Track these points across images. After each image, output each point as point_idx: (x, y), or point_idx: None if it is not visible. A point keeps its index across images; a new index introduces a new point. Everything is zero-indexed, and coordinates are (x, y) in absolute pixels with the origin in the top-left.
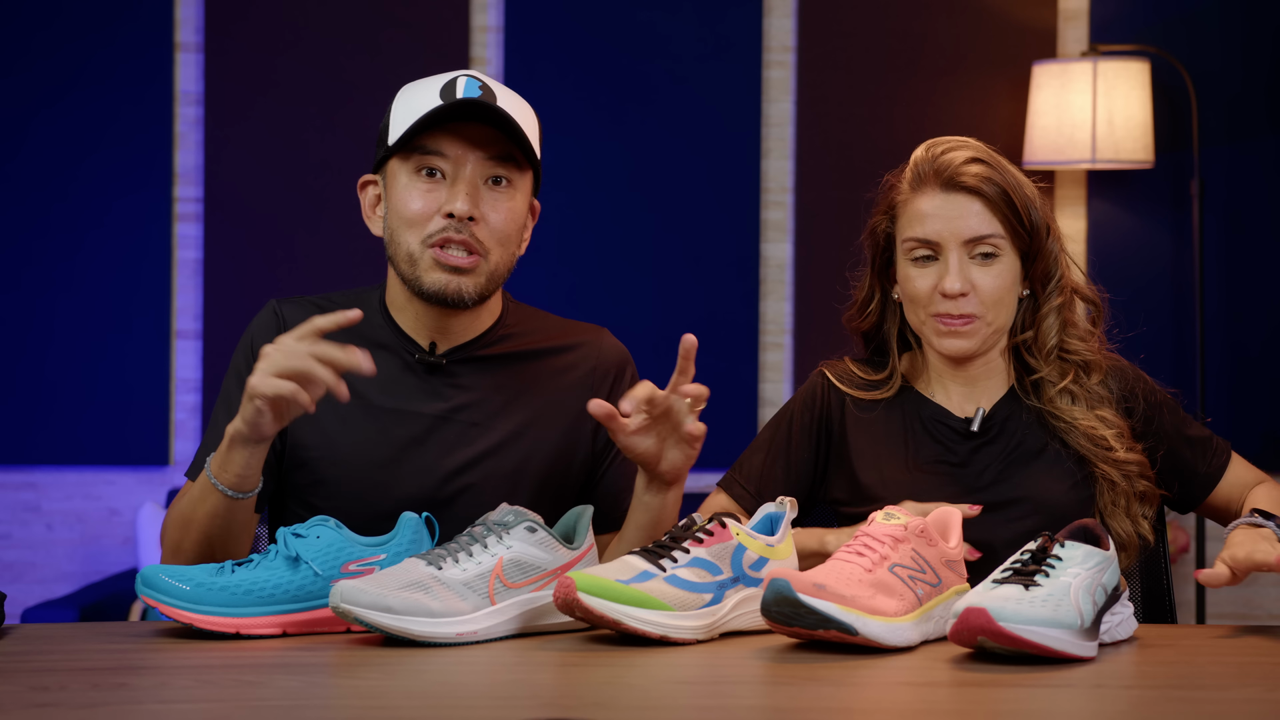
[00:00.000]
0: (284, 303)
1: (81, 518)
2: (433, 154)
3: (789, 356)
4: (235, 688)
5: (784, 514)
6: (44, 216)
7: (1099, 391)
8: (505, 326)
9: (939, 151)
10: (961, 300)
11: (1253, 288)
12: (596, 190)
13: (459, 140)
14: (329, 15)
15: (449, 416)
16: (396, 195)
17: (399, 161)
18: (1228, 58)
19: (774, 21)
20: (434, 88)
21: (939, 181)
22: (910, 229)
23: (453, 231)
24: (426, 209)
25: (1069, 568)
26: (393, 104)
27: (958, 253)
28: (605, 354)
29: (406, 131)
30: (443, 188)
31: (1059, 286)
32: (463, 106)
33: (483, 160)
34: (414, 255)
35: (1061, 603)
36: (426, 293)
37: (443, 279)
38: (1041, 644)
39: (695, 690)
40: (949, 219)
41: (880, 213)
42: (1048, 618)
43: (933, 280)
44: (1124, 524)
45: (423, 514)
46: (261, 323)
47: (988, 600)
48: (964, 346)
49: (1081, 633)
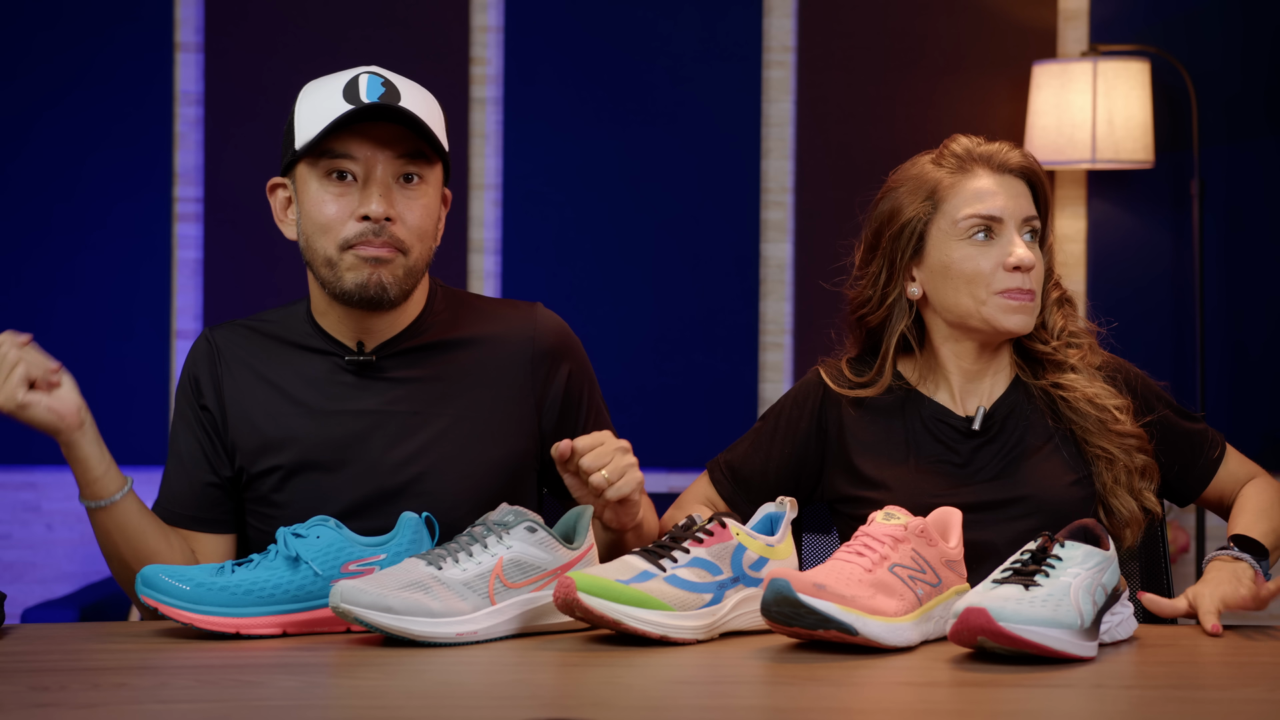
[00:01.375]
0: (216, 330)
1: (81, 518)
2: (342, 157)
3: (789, 356)
4: (235, 688)
5: (784, 514)
6: (45, 217)
7: (1102, 375)
8: (433, 314)
9: (978, 140)
10: (1028, 275)
11: (1253, 288)
12: (596, 190)
13: (367, 141)
14: (329, 15)
15: (387, 410)
16: (309, 201)
17: (307, 166)
18: (1228, 58)
19: (774, 21)
20: (336, 87)
21: (990, 165)
22: (968, 206)
23: (370, 234)
24: (340, 213)
25: (1069, 568)
26: (296, 105)
27: (1019, 230)
28: (541, 330)
29: (315, 137)
30: (354, 190)
31: (1054, 282)
32: (368, 110)
33: (392, 159)
34: (332, 259)
35: (1061, 603)
36: (348, 293)
37: (364, 274)
38: (1041, 644)
39: (695, 690)
40: (1011, 196)
41: (917, 200)
42: (1048, 618)
43: (996, 256)
44: (1126, 501)
45: (423, 514)
46: (195, 353)
47: (988, 600)
48: (1028, 322)
49: (1082, 633)
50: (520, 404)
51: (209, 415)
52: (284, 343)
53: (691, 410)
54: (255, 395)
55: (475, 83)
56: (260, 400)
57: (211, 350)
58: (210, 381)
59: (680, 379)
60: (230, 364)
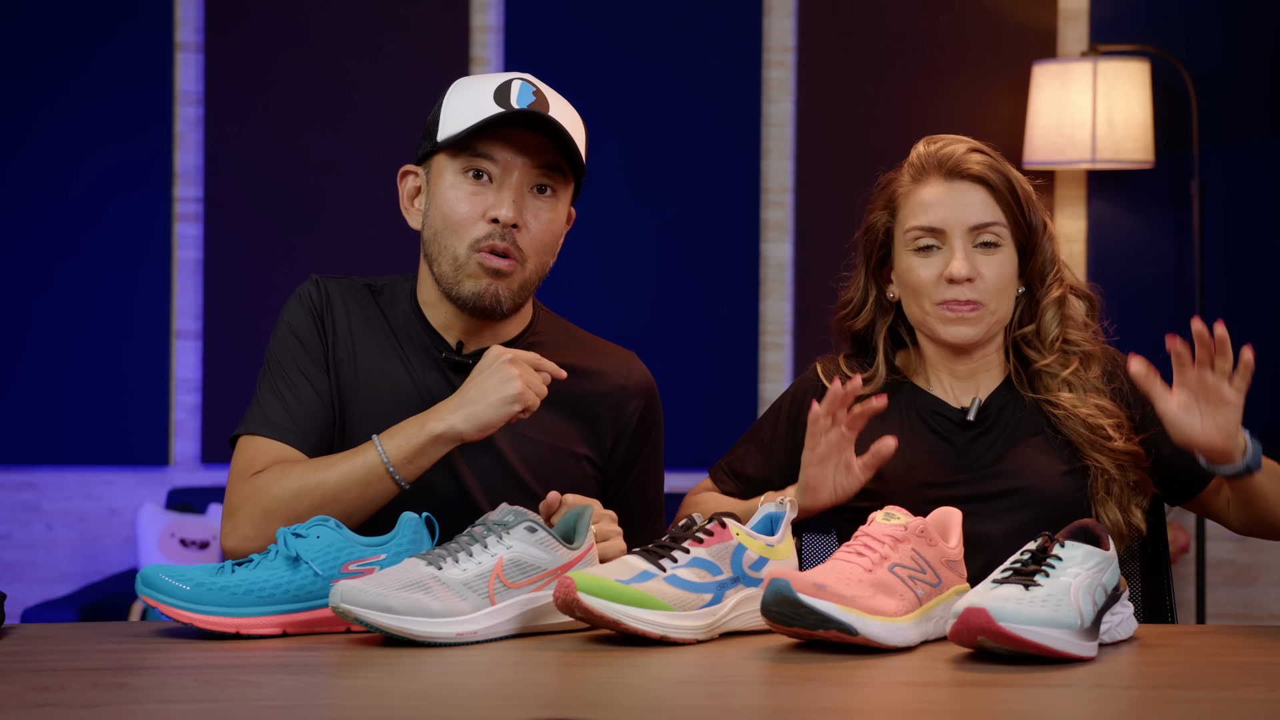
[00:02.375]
0: (326, 280)
1: (81, 518)
2: (482, 157)
3: (789, 356)
4: (235, 688)
5: (784, 514)
6: (44, 216)
7: (1098, 385)
8: (534, 334)
9: (940, 144)
10: (967, 286)
11: (1253, 288)
12: (596, 190)
13: (509, 146)
14: (329, 16)
15: None
16: (441, 194)
17: (446, 158)
18: (1228, 58)
19: (774, 21)
20: (487, 89)
21: (943, 171)
22: (914, 218)
23: (497, 238)
24: (472, 212)
25: (1069, 568)
26: (443, 100)
27: (963, 239)
28: (634, 376)
29: (462, 133)
30: (489, 191)
31: (1057, 279)
32: (518, 116)
33: (530, 168)
34: (459, 260)
35: (1061, 603)
36: (464, 299)
37: (483, 284)
38: (1041, 644)
39: (695, 690)
40: (954, 206)
41: (879, 208)
42: (1048, 618)
43: (937, 268)
44: (1113, 513)
45: (423, 514)
46: (305, 295)
47: (987, 600)
48: (970, 334)
49: (1082, 633)
50: (593, 442)
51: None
52: (381, 322)
53: (692, 410)
54: (355, 358)
55: None
56: (352, 365)
57: (321, 295)
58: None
59: (680, 379)
60: (337, 317)
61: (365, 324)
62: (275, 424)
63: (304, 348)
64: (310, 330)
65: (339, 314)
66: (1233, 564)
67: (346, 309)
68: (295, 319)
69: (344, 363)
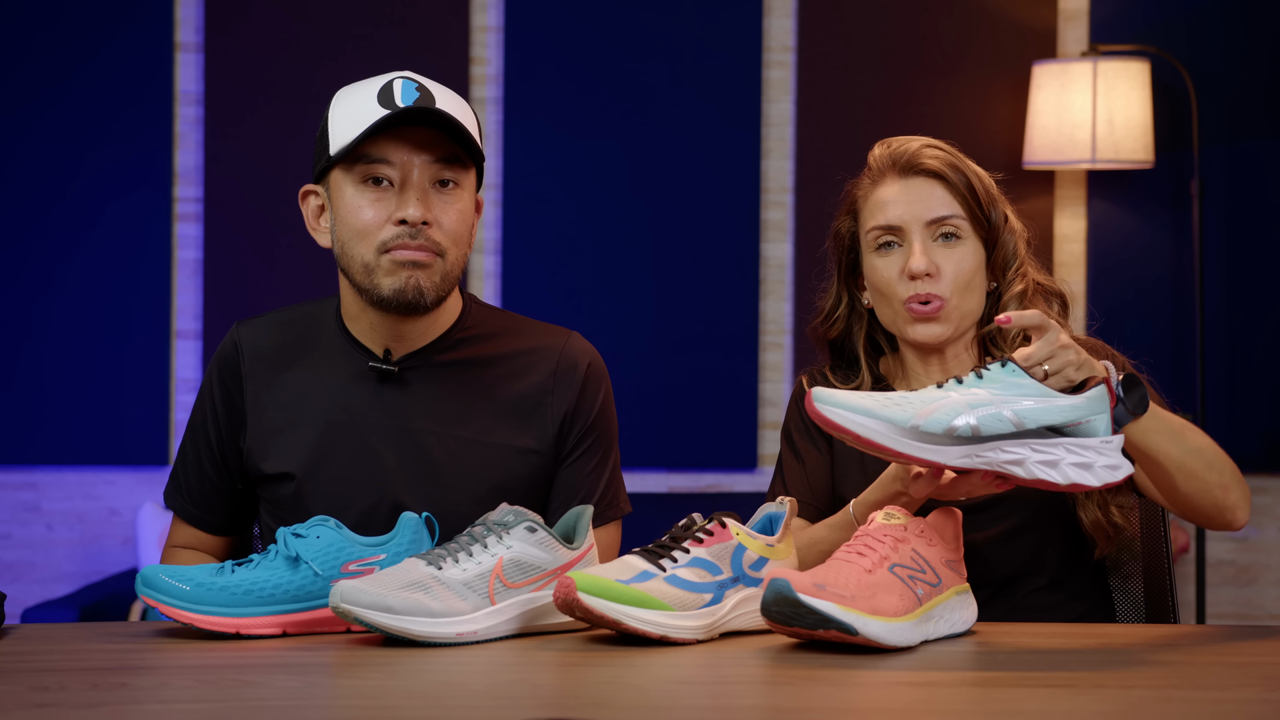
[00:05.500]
0: (243, 326)
1: (81, 518)
2: (378, 162)
3: (789, 356)
4: (235, 688)
5: (784, 514)
6: (43, 216)
7: None
8: (464, 329)
9: (895, 144)
10: (928, 281)
11: (1253, 288)
12: (596, 190)
13: (403, 145)
14: (329, 15)
15: (403, 426)
16: (344, 206)
17: (342, 172)
18: (1228, 58)
19: (774, 21)
20: (370, 93)
21: (898, 170)
22: (873, 219)
23: (407, 238)
24: (377, 217)
25: (978, 386)
26: (329, 112)
27: (921, 235)
28: (568, 355)
29: (353, 141)
30: (391, 195)
31: (1019, 274)
32: (406, 114)
33: (429, 164)
34: (369, 264)
35: (908, 403)
36: (385, 298)
37: (401, 279)
38: (845, 427)
39: (695, 690)
40: (910, 202)
41: (843, 214)
42: (867, 408)
43: (898, 265)
44: (1093, 512)
45: (423, 514)
46: (222, 350)
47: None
48: (936, 332)
49: (906, 431)
50: (534, 432)
51: (228, 413)
52: (307, 344)
53: (692, 410)
54: (275, 396)
55: (475, 82)
56: (274, 401)
57: (237, 352)
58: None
59: (681, 379)
60: (253, 364)
61: (285, 355)
62: (180, 505)
63: (205, 416)
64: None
65: (251, 358)
66: (1233, 564)
67: (258, 349)
68: (204, 385)
69: (267, 405)
